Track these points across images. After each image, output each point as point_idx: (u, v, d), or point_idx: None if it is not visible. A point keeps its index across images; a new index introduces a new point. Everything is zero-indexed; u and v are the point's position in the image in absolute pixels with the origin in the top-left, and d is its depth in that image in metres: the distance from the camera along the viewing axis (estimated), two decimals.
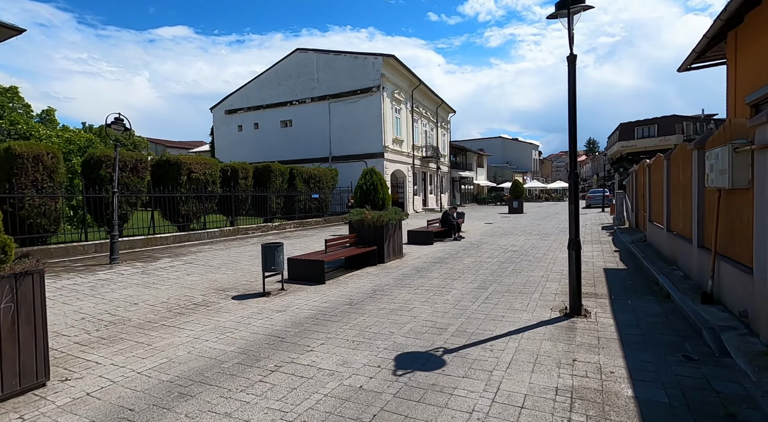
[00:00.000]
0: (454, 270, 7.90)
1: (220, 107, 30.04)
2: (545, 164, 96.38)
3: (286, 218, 17.41)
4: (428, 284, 6.75)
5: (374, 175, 9.70)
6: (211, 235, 13.02)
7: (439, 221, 13.75)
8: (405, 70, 26.45)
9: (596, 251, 9.69)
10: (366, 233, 9.19)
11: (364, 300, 5.77)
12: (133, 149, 61.85)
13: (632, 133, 52.47)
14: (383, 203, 9.62)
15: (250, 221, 15.39)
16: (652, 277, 6.44)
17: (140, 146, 64.33)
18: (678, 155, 6.67)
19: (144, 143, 65.44)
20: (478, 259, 9.20)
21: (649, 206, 9.82)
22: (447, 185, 39.63)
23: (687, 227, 6.08)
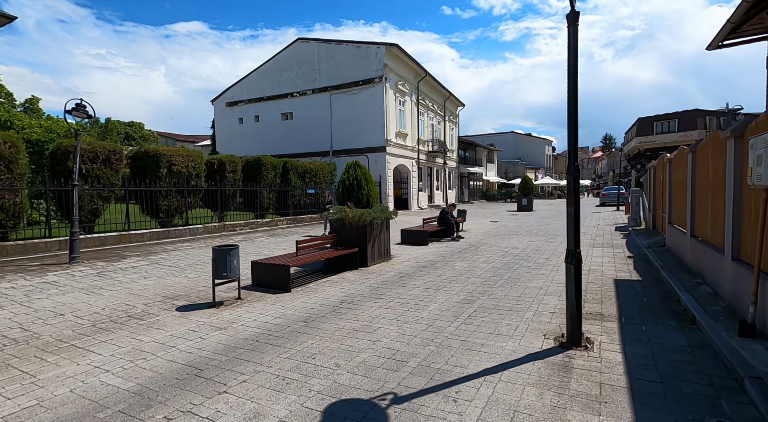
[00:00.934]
0: (442, 278, 6.96)
1: (221, 99, 29.42)
2: (559, 160, 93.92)
3: (280, 213, 16.64)
4: (407, 295, 5.83)
5: (358, 169, 8.78)
6: (194, 232, 12.30)
7: (437, 219, 12.79)
8: (409, 61, 25.34)
9: (607, 256, 8.62)
10: (347, 233, 8.31)
11: (324, 316, 4.89)
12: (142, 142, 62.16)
13: (651, 128, 50.32)
14: (368, 201, 8.70)
15: (239, 217, 14.65)
16: (672, 292, 5.40)
17: (149, 139, 64.78)
18: (707, 147, 5.58)
19: (153, 137, 65.88)
20: (472, 263, 8.23)
21: (669, 206, 8.68)
22: (455, 181, 38.46)
23: (717, 234, 5.01)
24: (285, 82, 26.46)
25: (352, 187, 8.62)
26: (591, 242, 10.75)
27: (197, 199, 12.96)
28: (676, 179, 8.01)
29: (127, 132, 59.57)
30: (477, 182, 46.02)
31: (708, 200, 5.49)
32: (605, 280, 6.38)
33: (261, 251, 9.96)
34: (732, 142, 4.34)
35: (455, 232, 12.46)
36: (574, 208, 3.64)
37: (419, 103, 28.45)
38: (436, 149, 31.15)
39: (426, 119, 30.43)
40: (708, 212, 5.47)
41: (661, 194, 10.16)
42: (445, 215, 12.55)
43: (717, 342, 3.43)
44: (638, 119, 51.52)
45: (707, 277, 5.38)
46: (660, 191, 10.54)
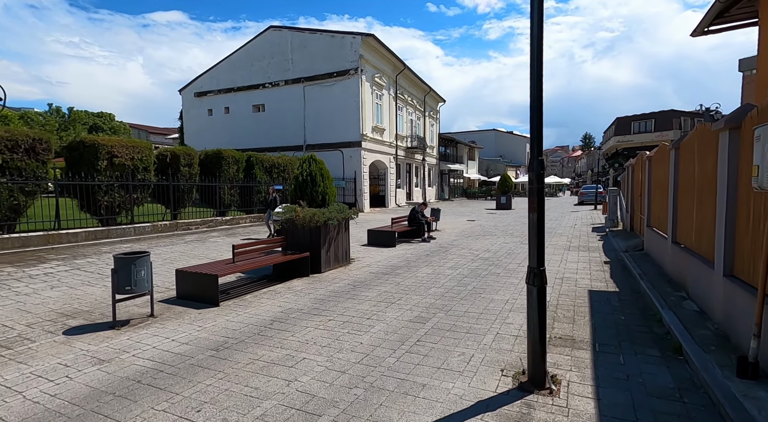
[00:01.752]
0: (400, 287, 6.16)
1: (189, 88, 27.87)
2: None
3: (243, 211, 15.56)
4: (353, 310, 5.01)
5: (313, 163, 7.88)
6: (140, 231, 11.16)
7: (407, 219, 12.01)
8: (387, 53, 24.43)
9: (583, 261, 7.99)
10: (298, 235, 7.42)
11: (244, 340, 4.02)
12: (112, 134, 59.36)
13: (629, 127, 50.95)
14: (323, 199, 7.83)
15: (197, 215, 13.53)
16: (652, 308, 4.74)
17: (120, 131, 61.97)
18: (692, 142, 4.92)
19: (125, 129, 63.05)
20: (437, 269, 7.47)
21: (648, 208, 8.12)
22: (435, 178, 37.86)
23: (705, 243, 4.35)
24: (256, 72, 25.17)
25: (306, 184, 7.72)
26: (567, 245, 10.15)
27: (145, 195, 11.80)
28: (656, 179, 7.43)
29: (95, 123, 56.76)
30: (458, 179, 45.59)
31: (693, 203, 4.84)
32: (579, 291, 5.70)
33: (209, 254, 8.97)
34: (726, 135, 3.65)
35: (426, 232, 11.71)
36: (537, 214, 2.87)
37: (398, 97, 27.60)
38: (415, 145, 30.40)
39: (405, 114, 29.62)
40: (693, 217, 4.83)
41: (640, 194, 9.63)
42: (415, 215, 11.78)
43: (711, 384, 2.72)
44: (616, 119, 52.11)
45: (692, 291, 4.73)
46: (638, 192, 10.02)
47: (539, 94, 2.78)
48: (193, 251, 9.49)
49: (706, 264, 4.20)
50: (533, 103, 2.76)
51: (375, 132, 24.28)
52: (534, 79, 2.73)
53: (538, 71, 2.77)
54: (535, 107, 2.78)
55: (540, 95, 2.79)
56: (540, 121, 2.81)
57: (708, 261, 4.20)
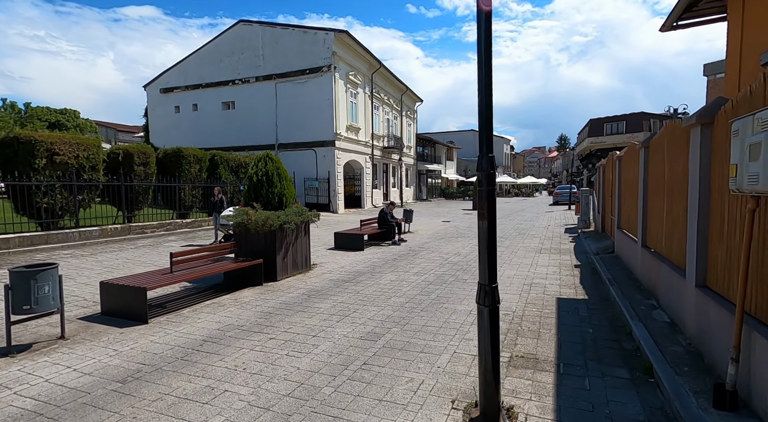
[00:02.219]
0: (359, 297, 5.68)
1: (154, 84, 26.58)
2: (517, 158, 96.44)
3: (207, 212, 14.74)
4: (301, 325, 4.49)
5: (269, 162, 7.31)
6: (86, 235, 10.27)
7: (376, 220, 11.53)
8: (362, 50, 23.91)
9: (553, 265, 7.71)
10: (252, 241, 6.84)
11: (162, 368, 3.44)
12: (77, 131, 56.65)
13: (601, 129, 52.17)
14: (281, 201, 7.26)
15: (154, 217, 12.66)
16: (622, 319, 4.41)
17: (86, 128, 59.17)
18: (662, 141, 4.64)
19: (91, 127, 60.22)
20: (402, 276, 7.02)
21: (618, 209, 7.92)
22: (413, 178, 37.58)
23: (676, 249, 4.05)
24: (226, 68, 24.19)
25: (261, 184, 7.14)
26: (539, 247, 9.90)
27: (93, 196, 10.90)
28: (626, 179, 7.21)
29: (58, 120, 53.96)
30: (436, 179, 45.53)
31: (663, 206, 4.55)
32: (547, 299, 5.35)
33: (158, 261, 8.24)
34: (697, 132, 3.33)
35: (396, 235, 11.27)
36: (488, 222, 2.43)
37: (374, 96, 27.11)
38: (392, 144, 29.98)
39: (381, 114, 29.17)
40: (663, 221, 4.54)
41: (610, 195, 9.47)
42: (384, 216, 11.32)
43: (685, 417, 2.34)
44: (590, 120, 53.26)
45: (663, 300, 4.44)
46: (609, 192, 9.87)
47: (488, 79, 2.35)
48: (141, 257, 8.73)
49: (677, 272, 3.89)
50: (481, 89, 2.32)
51: (350, 131, 23.72)
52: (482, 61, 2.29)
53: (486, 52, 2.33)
54: (483, 96, 2.34)
55: (489, 82, 2.36)
56: (489, 112, 2.38)
57: (679, 269, 3.90)
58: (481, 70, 2.35)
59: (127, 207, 11.86)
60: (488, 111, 2.38)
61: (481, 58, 2.34)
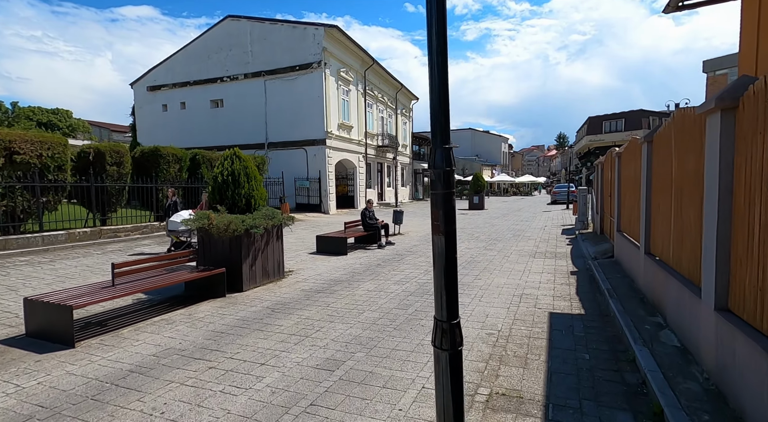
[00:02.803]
0: (328, 311, 5.06)
1: (141, 82, 25.90)
2: (516, 157, 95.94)
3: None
4: (252, 349, 3.87)
5: (236, 161, 6.67)
6: (51, 240, 9.62)
7: (360, 222, 10.89)
8: (353, 46, 23.26)
9: (547, 271, 7.08)
10: (216, 247, 6.22)
11: (58, 413, 2.81)
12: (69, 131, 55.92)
13: (600, 127, 51.63)
14: (249, 203, 6.63)
15: (128, 220, 12.01)
16: (623, 341, 3.79)
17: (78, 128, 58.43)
18: (669, 133, 4.02)
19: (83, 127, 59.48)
20: (382, 284, 6.40)
21: (618, 210, 7.29)
22: (408, 178, 36.97)
23: (688, 260, 3.43)
24: (214, 65, 23.52)
25: (226, 185, 6.50)
26: (533, 251, 9.28)
27: (59, 197, 10.25)
28: (626, 177, 6.59)
29: (50, 120, 53.24)
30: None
31: (670, 208, 3.93)
32: (538, 314, 4.72)
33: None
34: (716, 119, 2.70)
35: (383, 237, 10.65)
36: (445, 237, 1.80)
37: (367, 93, 26.46)
38: (386, 143, 29.33)
39: (375, 112, 28.53)
40: (671, 225, 3.92)
41: (609, 194, 8.85)
42: (364, 217, 10.67)
43: None
44: (588, 118, 52.71)
45: (671, 318, 3.81)
46: (608, 191, 9.26)
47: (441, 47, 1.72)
48: (104, 264, 8.09)
49: (689, 289, 3.26)
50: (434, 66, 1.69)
51: (341, 129, 23.08)
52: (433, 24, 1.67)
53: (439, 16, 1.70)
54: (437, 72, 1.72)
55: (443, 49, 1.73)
56: (444, 91, 1.75)
57: (692, 285, 3.27)
58: (432, 39, 1.72)
59: (100, 209, 11.22)
60: (442, 91, 1.75)
61: (432, 22, 1.71)
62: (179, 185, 13.55)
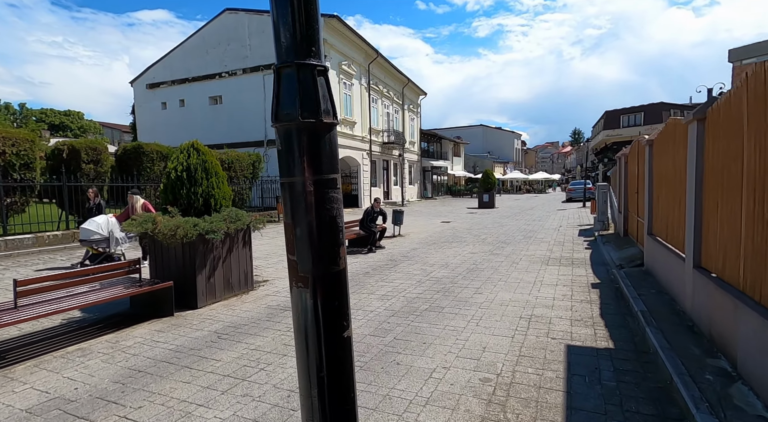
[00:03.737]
0: (287, 338, 4.06)
1: (141, 80, 25.35)
2: (529, 154, 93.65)
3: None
4: (163, 400, 2.88)
5: (194, 154, 5.70)
6: (16, 245, 8.86)
7: (359, 223, 9.87)
8: (355, 38, 22.23)
9: (563, 283, 5.93)
10: (166, 256, 5.28)
11: None
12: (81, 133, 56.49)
13: (617, 121, 49.56)
14: (207, 203, 5.67)
15: None
16: (674, 397, 2.67)
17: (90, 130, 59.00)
18: (739, 105, 2.87)
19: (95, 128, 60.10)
20: (363, 300, 5.37)
21: (649, 209, 6.09)
22: (416, 176, 35.82)
23: None
24: (212, 60, 22.78)
25: (180, 182, 5.53)
26: (546, 256, 8.11)
27: (28, 198, 9.50)
28: (662, 169, 5.40)
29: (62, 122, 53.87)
30: (442, 176, 43.64)
31: (740, 210, 2.79)
32: (552, 347, 3.61)
33: None
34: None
35: (377, 240, 9.61)
36: (318, 295, 0.74)
37: (371, 88, 25.42)
38: (392, 140, 28.27)
39: (380, 107, 27.47)
40: (741, 233, 2.77)
41: (636, 191, 7.63)
42: (365, 217, 9.65)
43: None
44: (605, 113, 50.67)
45: (745, 365, 2.67)
46: (634, 187, 8.02)
47: None
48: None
49: None
50: None
51: (344, 125, 22.10)
52: None
53: None
54: None
55: None
56: None
57: None
58: None
59: (76, 211, 10.45)
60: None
61: None
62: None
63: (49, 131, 46.54)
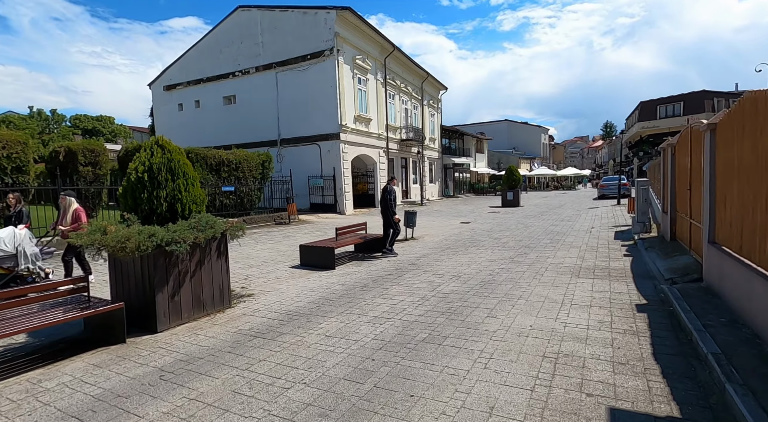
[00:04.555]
0: (239, 382, 3.21)
1: (158, 82, 25.44)
2: (557, 149, 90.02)
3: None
4: None
5: (158, 152, 4.96)
6: None
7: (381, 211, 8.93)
8: (370, 31, 21.32)
9: (599, 303, 4.80)
10: (125, 272, 4.57)
11: None
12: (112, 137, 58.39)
13: (654, 112, 46.50)
14: (173, 209, 4.92)
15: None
16: None
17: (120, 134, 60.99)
18: None
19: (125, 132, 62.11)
20: (350, 324, 4.46)
21: (711, 210, 4.85)
22: (437, 173, 34.59)
23: None
24: (226, 59, 22.46)
25: (141, 185, 4.80)
26: (576, 265, 6.94)
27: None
28: (733, 160, 4.19)
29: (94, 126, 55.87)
30: (464, 173, 42.14)
31: None
32: (587, 410, 2.57)
33: None
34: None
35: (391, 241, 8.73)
36: None
37: (388, 83, 24.45)
38: (411, 136, 27.21)
39: (398, 103, 26.46)
40: None
41: (688, 187, 6.34)
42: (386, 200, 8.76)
43: None
44: (640, 103, 47.69)
45: None
46: (684, 184, 6.72)
47: None
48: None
49: None
50: None
51: (358, 122, 21.25)
52: None
53: None
54: None
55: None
56: None
57: None
58: None
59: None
60: None
61: None
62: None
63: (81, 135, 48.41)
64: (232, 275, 7.36)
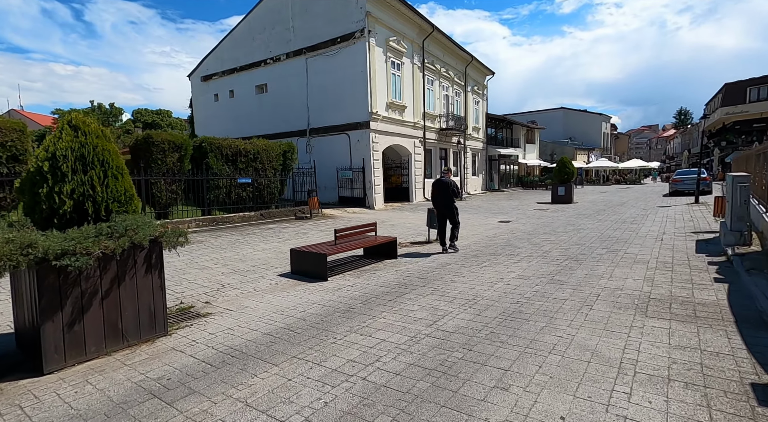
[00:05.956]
0: None
1: (197, 73, 25.57)
2: (620, 139, 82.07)
3: (190, 211, 12.22)
4: None
5: (67, 136, 3.84)
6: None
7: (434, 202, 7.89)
8: (407, 10, 19.57)
9: (682, 375, 3.00)
10: (18, 290, 3.54)
11: None
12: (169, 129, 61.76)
13: (742, 95, 40.11)
14: (80, 209, 3.80)
15: None
16: None
17: (176, 126, 64.33)
18: None
19: (180, 125, 65.44)
20: (299, 377, 3.08)
21: None
22: (481, 166, 32.18)
23: None
24: (258, 47, 21.85)
25: (42, 178, 3.71)
26: (644, 293, 5.01)
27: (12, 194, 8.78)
28: None
29: (154, 120, 59.42)
30: (512, 166, 39.10)
31: None
32: None
33: None
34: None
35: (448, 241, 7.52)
36: None
37: (426, 67, 22.58)
38: (451, 125, 25.18)
39: (437, 89, 24.51)
40: None
41: None
42: (445, 192, 8.10)
43: None
44: (725, 85, 41.35)
45: None
46: None
47: None
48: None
49: None
50: None
51: (391, 110, 19.72)
52: None
53: None
54: None
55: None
56: None
57: None
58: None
59: None
60: None
61: None
62: (180, 177, 11.63)
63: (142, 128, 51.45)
64: (209, 283, 6.31)
